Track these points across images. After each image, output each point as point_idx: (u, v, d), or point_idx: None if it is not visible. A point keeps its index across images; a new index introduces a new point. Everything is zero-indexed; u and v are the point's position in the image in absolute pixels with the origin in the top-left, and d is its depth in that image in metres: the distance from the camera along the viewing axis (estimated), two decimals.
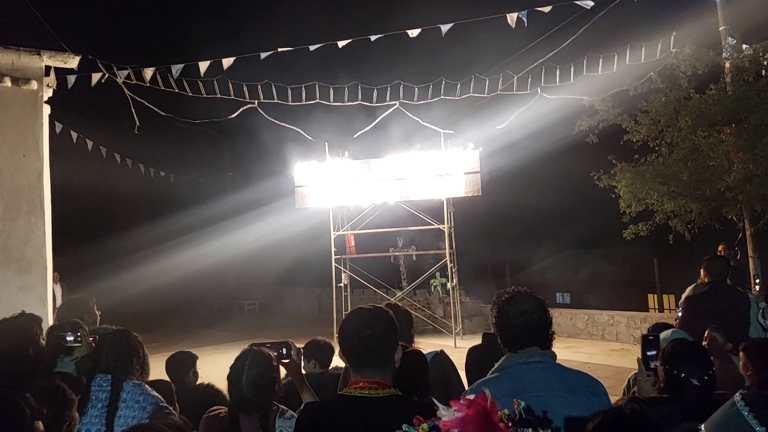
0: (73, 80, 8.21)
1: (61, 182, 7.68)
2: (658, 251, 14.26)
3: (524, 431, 1.33)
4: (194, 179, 21.96)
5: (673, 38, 9.97)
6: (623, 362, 9.75)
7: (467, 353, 3.40)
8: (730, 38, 10.07)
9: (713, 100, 9.76)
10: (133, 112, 9.55)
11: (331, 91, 10.34)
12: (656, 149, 10.62)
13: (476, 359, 3.23)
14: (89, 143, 10.62)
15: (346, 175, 13.12)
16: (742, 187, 9.34)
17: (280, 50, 9.24)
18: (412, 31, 8.98)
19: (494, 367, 2.32)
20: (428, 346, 3.79)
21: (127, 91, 9.35)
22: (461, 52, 18.08)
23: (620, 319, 12.51)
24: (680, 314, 4.90)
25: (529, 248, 23.62)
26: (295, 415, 2.54)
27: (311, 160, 13.43)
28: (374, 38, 9.11)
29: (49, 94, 6.83)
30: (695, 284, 5.48)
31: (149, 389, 2.95)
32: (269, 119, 10.64)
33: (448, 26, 8.82)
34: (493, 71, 10.80)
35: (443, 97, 10.63)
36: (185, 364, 4.15)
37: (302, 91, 10.10)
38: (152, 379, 3.30)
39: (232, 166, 27.08)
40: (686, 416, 2.18)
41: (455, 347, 11.27)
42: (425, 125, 11.73)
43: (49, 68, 6.82)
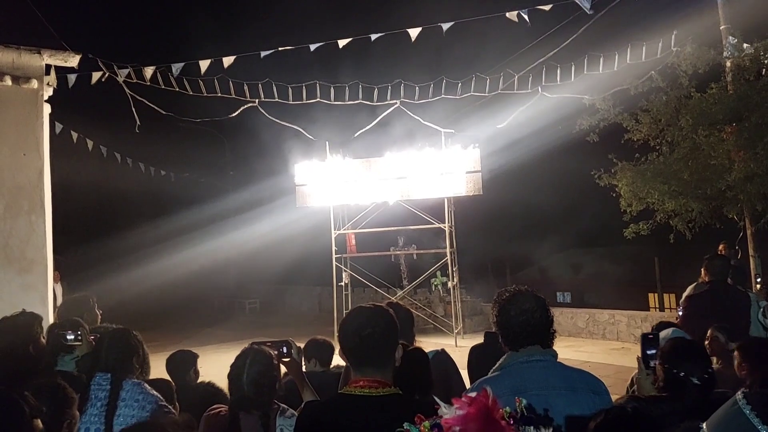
0: (73, 79, 8.20)
1: (61, 181, 7.66)
2: (658, 250, 14.27)
3: (526, 429, 1.33)
4: (195, 178, 21.91)
5: (673, 37, 9.97)
6: (624, 361, 9.75)
7: (469, 352, 3.40)
8: (731, 37, 10.05)
9: (714, 99, 9.75)
10: (133, 111, 9.56)
11: (331, 89, 10.35)
12: (657, 148, 10.61)
13: (478, 358, 3.23)
14: (89, 142, 10.61)
15: (346, 174, 13.11)
16: (742, 186, 9.32)
17: (280, 49, 9.25)
18: (412, 30, 8.97)
19: (495, 365, 2.32)
20: (429, 345, 3.79)
21: (127, 90, 9.36)
22: (462, 51, 18.06)
23: (621, 318, 12.52)
24: (681, 313, 4.91)
25: (529, 247, 23.61)
26: (295, 413, 2.54)
27: (312, 159, 13.43)
28: (375, 37, 9.10)
29: (49, 92, 6.83)
30: (696, 283, 5.48)
31: (149, 388, 2.94)
32: (270, 118, 10.65)
33: (448, 25, 8.82)
34: (494, 70, 10.81)
35: (444, 96, 10.64)
36: (186, 362, 4.16)
37: (303, 89, 10.10)
38: (153, 377, 3.29)
39: (232, 165, 27.03)
40: (687, 415, 2.17)
41: (456, 346, 11.26)
42: (426, 124, 11.73)
43: (49, 67, 6.82)
